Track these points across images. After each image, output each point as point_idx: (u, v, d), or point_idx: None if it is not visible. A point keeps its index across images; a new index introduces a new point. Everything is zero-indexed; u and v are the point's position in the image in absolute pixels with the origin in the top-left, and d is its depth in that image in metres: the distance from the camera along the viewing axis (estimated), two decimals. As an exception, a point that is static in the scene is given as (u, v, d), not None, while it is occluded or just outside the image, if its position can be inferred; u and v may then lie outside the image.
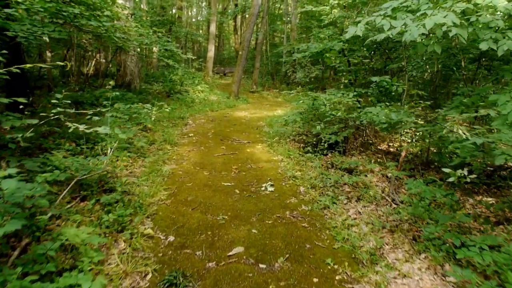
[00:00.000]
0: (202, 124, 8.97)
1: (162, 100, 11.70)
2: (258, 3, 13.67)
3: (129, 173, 4.77)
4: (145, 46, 10.59)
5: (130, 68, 12.28)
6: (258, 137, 7.80)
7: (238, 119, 10.09)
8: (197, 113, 10.61)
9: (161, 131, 7.48)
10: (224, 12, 31.54)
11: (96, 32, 5.56)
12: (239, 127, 8.85)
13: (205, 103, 12.31)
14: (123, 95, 10.68)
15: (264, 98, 16.26)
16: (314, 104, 6.71)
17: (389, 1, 4.42)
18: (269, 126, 9.02)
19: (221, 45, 37.80)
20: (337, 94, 6.25)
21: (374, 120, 5.52)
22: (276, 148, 6.69)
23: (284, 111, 11.80)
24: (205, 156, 6.03)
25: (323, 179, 4.83)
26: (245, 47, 14.12)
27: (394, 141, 7.45)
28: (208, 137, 7.56)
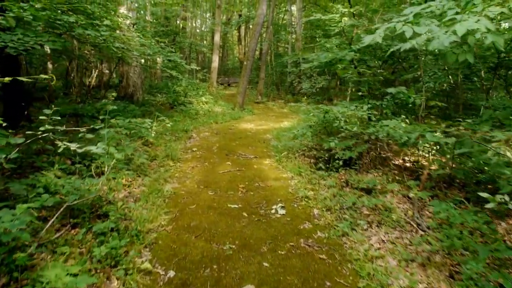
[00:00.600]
0: (207, 137, 8.60)
1: (166, 112, 11.39)
2: (262, 12, 13.41)
3: (128, 194, 4.39)
4: (148, 57, 10.30)
5: (133, 79, 12.01)
6: (265, 151, 7.41)
7: (243, 131, 9.71)
8: (201, 125, 10.26)
9: (164, 145, 7.12)
10: (228, 22, 31.45)
11: (94, 42, 5.24)
12: (245, 140, 8.47)
13: (209, 115, 11.97)
14: (125, 107, 10.39)
15: (269, 109, 15.92)
16: (325, 117, 6.32)
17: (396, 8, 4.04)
18: (276, 139, 8.63)
19: (225, 56, 37.75)
20: (350, 107, 5.87)
21: (393, 134, 5.14)
22: (285, 164, 6.29)
23: (291, 123, 11.42)
24: (209, 173, 5.64)
25: (338, 200, 4.42)
26: (250, 57, 13.83)
27: (409, 155, 7.03)
28: (212, 151, 7.18)
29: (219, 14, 22.27)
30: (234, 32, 38.49)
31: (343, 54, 6.66)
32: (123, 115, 9.73)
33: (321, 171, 5.66)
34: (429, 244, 3.38)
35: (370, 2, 7.70)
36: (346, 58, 6.53)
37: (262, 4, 13.37)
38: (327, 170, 5.60)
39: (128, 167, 5.25)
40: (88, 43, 5.39)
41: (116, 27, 6.24)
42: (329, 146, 5.75)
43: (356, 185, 4.90)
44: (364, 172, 5.74)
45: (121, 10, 10.92)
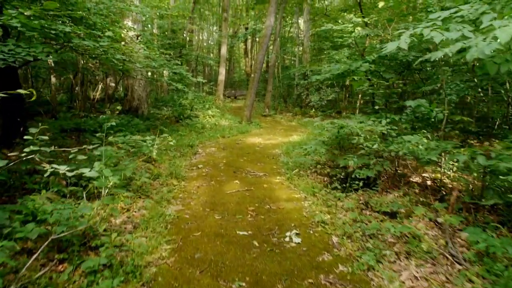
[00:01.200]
0: (213, 153, 8.21)
1: (171, 126, 11.06)
2: (270, 24, 13.16)
3: (126, 219, 3.98)
4: (153, 70, 10.04)
5: (138, 92, 11.74)
6: (275, 168, 7.00)
7: (251, 146, 9.32)
8: (207, 140, 9.89)
9: (168, 162, 6.74)
10: (235, 35, 31.43)
11: (93, 54, 4.92)
12: (253, 156, 8.07)
13: (216, 129, 11.61)
14: (129, 121, 10.08)
15: (277, 122, 15.54)
16: (339, 132, 5.91)
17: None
18: (286, 154, 8.22)
19: (232, 69, 37.70)
20: (367, 121, 5.46)
21: (415, 151, 4.71)
22: (297, 182, 5.86)
23: (300, 137, 11.02)
24: (216, 194, 5.23)
25: (360, 226, 3.97)
26: (257, 69, 13.53)
27: (429, 172, 6.57)
28: (219, 168, 6.79)
29: (225, 27, 22.16)
30: (241, 45, 38.50)
31: (357, 65, 6.28)
32: (126, 129, 9.42)
33: (336, 190, 5.22)
34: (470, 282, 2.92)
35: (383, 11, 7.34)
36: (362, 69, 6.15)
37: (270, 16, 13.12)
38: (343, 190, 5.16)
39: (128, 188, 4.86)
40: (87, 55, 5.07)
41: (119, 39, 5.94)
42: (346, 164, 5.33)
43: (377, 207, 4.45)
44: (383, 192, 5.29)
45: (126, 22, 10.71)
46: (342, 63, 6.99)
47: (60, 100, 16.38)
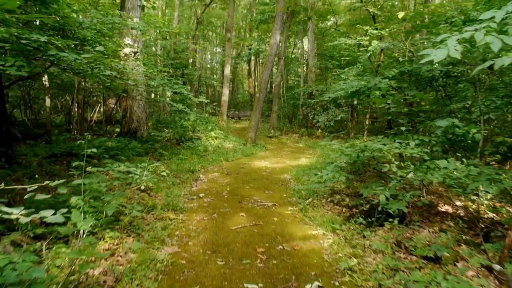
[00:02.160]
0: (216, 179, 7.48)
1: (171, 149, 10.39)
2: (276, 42, 12.67)
3: (108, 269, 3.23)
4: (152, 89, 9.48)
5: (137, 114, 11.14)
6: (285, 196, 6.24)
7: (257, 171, 8.59)
8: (210, 164, 9.17)
9: (165, 191, 6.01)
10: (238, 56, 31.24)
11: (76, 69, 4.29)
12: (260, 182, 7.33)
13: (219, 152, 10.91)
14: (126, 144, 9.42)
15: (283, 144, 14.85)
16: (359, 156, 5.18)
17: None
18: (296, 180, 7.48)
19: (235, 89, 37.43)
20: (393, 144, 4.73)
21: (455, 179, 3.98)
22: (311, 214, 5.10)
23: (309, 160, 10.29)
24: (219, 230, 4.47)
25: (399, 278, 3.18)
26: (262, 89, 12.95)
27: (457, 198, 5.81)
28: (223, 198, 6.04)
29: (229, 47, 21.85)
30: (244, 66, 38.34)
31: (375, 82, 5.62)
32: (122, 153, 8.75)
33: (359, 225, 4.46)
34: None
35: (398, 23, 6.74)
36: (381, 85, 5.48)
37: (275, 33, 12.65)
38: (368, 224, 4.39)
39: (116, 224, 4.13)
40: (69, 70, 4.45)
41: (111, 54, 5.34)
42: (368, 194, 4.58)
43: (414, 250, 3.67)
44: (415, 227, 4.51)
45: (126, 40, 10.24)
46: (357, 79, 6.34)
47: (59, 122, 15.89)
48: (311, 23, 20.16)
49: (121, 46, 6.00)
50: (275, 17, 12.82)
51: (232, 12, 22.39)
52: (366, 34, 6.31)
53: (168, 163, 8.66)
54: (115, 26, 7.42)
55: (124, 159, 8.20)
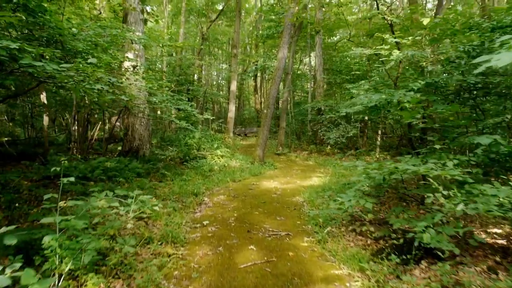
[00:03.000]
0: (222, 203, 6.82)
1: (175, 169, 9.79)
2: (284, 56, 12.17)
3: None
4: (154, 105, 8.97)
5: (139, 132, 10.61)
6: (299, 224, 5.56)
7: (267, 192, 7.92)
8: (215, 185, 8.52)
9: (165, 219, 5.37)
10: (244, 72, 30.97)
11: (59, 82, 3.74)
12: (270, 206, 6.66)
13: (225, 171, 10.27)
14: (126, 164, 8.84)
15: (292, 162, 14.17)
16: (385, 179, 4.51)
17: None
18: (309, 203, 6.80)
19: (241, 106, 37.07)
20: (427, 165, 4.07)
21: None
22: (332, 247, 4.41)
23: (321, 179, 9.61)
24: (225, 270, 3.79)
25: None
26: (270, 104, 12.39)
27: (492, 224, 5.09)
28: (229, 226, 5.38)
29: (235, 63, 21.51)
30: (250, 82, 38.06)
31: (399, 94, 4.99)
32: (121, 174, 8.15)
33: (390, 261, 3.76)
34: None
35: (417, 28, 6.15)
36: (406, 100, 4.84)
37: (283, 47, 12.16)
38: (403, 263, 3.69)
39: (102, 263, 3.48)
40: (51, 83, 3.89)
41: (104, 67, 4.80)
42: (400, 225, 3.90)
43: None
44: (455, 262, 3.80)
45: (128, 55, 9.82)
46: (378, 93, 5.71)
47: (62, 141, 15.42)
48: (319, 38, 19.74)
49: (117, 59, 5.48)
50: (283, 31, 12.37)
51: (238, 28, 22.13)
52: (386, 43, 5.73)
53: (171, 185, 8.05)
54: (114, 39, 6.96)
55: (122, 181, 7.61)
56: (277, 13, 23.01)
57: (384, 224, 5.05)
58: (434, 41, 5.56)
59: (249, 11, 33.51)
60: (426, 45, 5.73)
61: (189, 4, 21.56)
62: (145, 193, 6.98)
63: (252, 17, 34.79)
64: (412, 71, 6.39)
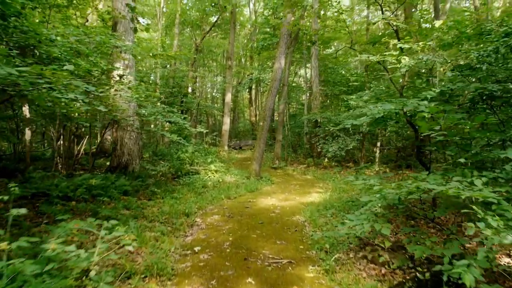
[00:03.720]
0: (216, 224, 6.22)
1: (166, 186, 9.18)
2: (280, 66, 11.73)
3: None
4: (143, 118, 8.43)
5: (128, 146, 10.01)
6: (302, 249, 4.98)
7: (264, 211, 7.33)
8: (209, 203, 7.92)
9: (151, 245, 4.76)
10: (239, 84, 30.62)
11: (19, 90, 3.17)
12: (268, 227, 6.07)
13: (220, 187, 9.67)
14: (113, 181, 8.22)
15: (290, 176, 13.60)
16: (400, 200, 3.96)
17: None
18: (312, 223, 6.24)
19: (236, 119, 36.63)
20: (451, 183, 3.54)
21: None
22: (342, 279, 3.83)
23: (322, 196, 9.05)
24: (219, 312, 3.20)
25: None
26: (266, 116, 11.88)
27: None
28: (224, 253, 4.78)
29: (230, 74, 21.12)
30: (245, 95, 37.71)
31: (413, 104, 4.49)
32: (107, 192, 7.54)
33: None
34: None
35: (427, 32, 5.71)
36: (421, 109, 4.35)
37: (279, 57, 11.73)
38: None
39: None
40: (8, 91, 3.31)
41: (83, 74, 4.26)
42: (422, 254, 3.35)
43: None
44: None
45: (117, 65, 9.31)
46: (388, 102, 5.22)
47: (50, 156, 14.73)
48: (315, 49, 19.43)
49: (98, 66, 4.95)
50: (279, 41, 11.96)
51: (233, 40, 21.81)
52: (396, 49, 5.28)
53: (161, 204, 7.44)
54: (98, 46, 6.45)
55: (107, 200, 6.99)
56: (271, 26, 22.78)
57: (398, 249, 4.50)
58: (447, 47, 5.10)
59: (244, 24, 33.36)
60: (437, 50, 5.28)
61: (183, 15, 21.22)
62: (131, 214, 6.40)
63: (247, 29, 34.63)
64: (421, 79, 5.92)
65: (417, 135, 6.62)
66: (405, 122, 6.84)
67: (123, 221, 5.71)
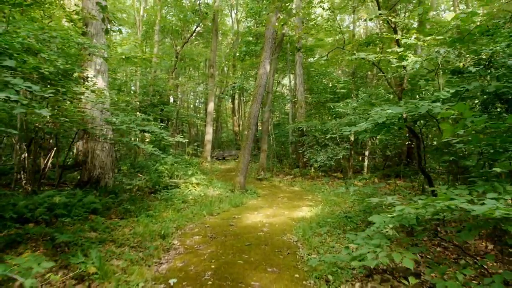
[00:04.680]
0: (196, 248, 5.39)
1: (142, 202, 8.29)
2: (265, 71, 11.06)
3: None
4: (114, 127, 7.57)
5: (100, 158, 9.09)
6: (298, 278, 4.21)
7: (251, 229, 6.54)
8: (189, 221, 7.07)
9: (117, 278, 3.91)
10: (222, 93, 29.90)
11: None
12: (257, 250, 5.28)
13: (201, 203, 8.81)
14: (81, 198, 7.28)
15: (276, 188, 12.85)
16: (419, 219, 3.26)
17: None
18: (306, 244, 5.49)
19: (219, 129, 35.82)
20: (487, 201, 2.86)
21: None
22: (352, 321, 3.09)
23: (313, 209, 8.34)
24: None
25: None
26: (251, 125, 11.15)
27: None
28: (205, 285, 3.96)
29: (212, 82, 20.43)
30: (228, 105, 36.98)
31: (426, 106, 3.84)
32: (72, 212, 6.63)
33: None
34: None
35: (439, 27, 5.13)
36: (437, 111, 3.70)
37: (264, 62, 11.08)
38: None
39: None
40: None
41: (30, 72, 3.44)
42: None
43: None
44: None
45: (87, 72, 8.44)
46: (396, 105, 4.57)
47: (17, 170, 13.56)
48: (299, 57, 18.94)
49: (53, 65, 4.12)
50: (264, 45, 11.32)
51: (215, 48, 21.17)
52: (403, 44, 4.67)
53: (134, 223, 6.56)
54: (61, 46, 5.61)
55: (69, 221, 6.08)
56: (254, 35, 22.21)
57: (414, 276, 3.78)
58: (459, 42, 4.51)
59: (226, 33, 32.84)
60: (447, 46, 4.69)
61: (163, 21, 20.44)
62: (98, 237, 5.51)
63: (229, 38, 34.11)
64: (425, 81, 5.31)
65: (418, 142, 6.01)
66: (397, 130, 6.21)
67: (85, 247, 4.84)
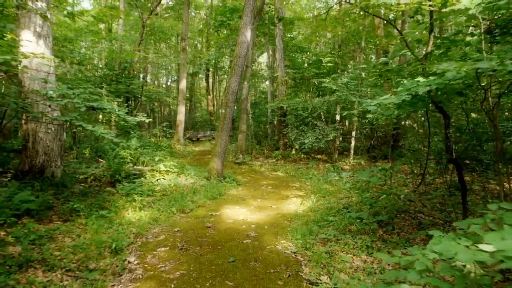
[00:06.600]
0: (160, 268, 3.91)
1: (96, 196, 6.68)
2: (246, 40, 9.45)
3: None
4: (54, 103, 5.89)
5: (45, 142, 7.33)
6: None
7: (234, 233, 5.12)
8: (154, 223, 5.56)
9: None
10: (195, 72, 27.89)
11: None
12: (244, 271, 3.87)
13: (170, 196, 7.26)
14: (10, 195, 5.62)
15: (258, 173, 11.43)
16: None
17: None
18: (308, 256, 4.14)
19: (193, 109, 33.93)
20: None
21: None
22: None
23: (305, 202, 7.02)
24: None
25: None
26: (229, 102, 9.58)
27: None
28: None
29: (184, 57, 18.57)
30: (202, 84, 34.99)
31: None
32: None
33: None
34: None
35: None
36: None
37: (244, 29, 9.44)
38: None
39: None
40: None
41: None
42: None
43: None
44: None
45: (25, 34, 6.64)
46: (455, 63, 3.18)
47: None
48: (279, 29, 17.32)
49: None
50: (244, 8, 9.65)
51: (187, 19, 19.21)
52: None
53: (81, 228, 5.01)
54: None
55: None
56: (230, 9, 20.24)
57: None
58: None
59: (199, 7, 30.51)
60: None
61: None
62: (21, 256, 3.94)
63: (203, 13, 31.85)
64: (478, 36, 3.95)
65: (447, 122, 4.72)
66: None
67: (-6, 276, 3.27)
